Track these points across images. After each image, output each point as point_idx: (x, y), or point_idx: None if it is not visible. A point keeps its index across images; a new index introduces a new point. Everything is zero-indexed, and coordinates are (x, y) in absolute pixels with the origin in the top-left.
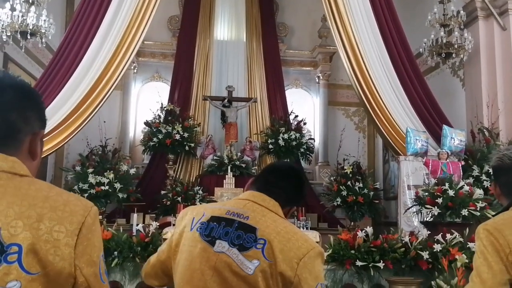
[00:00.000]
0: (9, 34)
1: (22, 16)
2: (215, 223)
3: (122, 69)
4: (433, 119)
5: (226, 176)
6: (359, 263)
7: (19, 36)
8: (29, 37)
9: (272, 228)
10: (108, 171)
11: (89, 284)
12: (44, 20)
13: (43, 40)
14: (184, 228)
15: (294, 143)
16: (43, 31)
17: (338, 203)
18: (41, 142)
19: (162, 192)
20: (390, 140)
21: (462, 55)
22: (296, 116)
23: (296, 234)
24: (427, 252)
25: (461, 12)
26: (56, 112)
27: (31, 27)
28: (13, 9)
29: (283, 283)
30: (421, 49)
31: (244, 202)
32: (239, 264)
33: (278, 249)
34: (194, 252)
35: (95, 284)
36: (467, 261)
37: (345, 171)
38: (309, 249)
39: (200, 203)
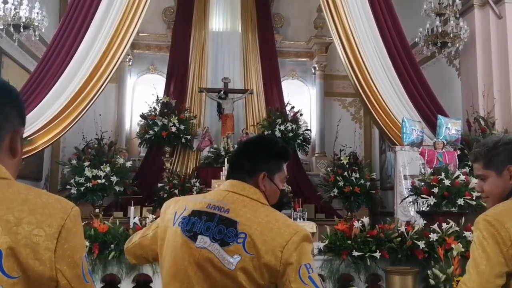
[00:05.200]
0: (1, 27)
1: (15, 9)
2: (196, 218)
3: (117, 61)
4: (429, 108)
5: (223, 168)
6: (355, 253)
7: (12, 29)
8: (22, 30)
9: (253, 220)
10: (104, 164)
11: (72, 286)
12: (37, 13)
13: (37, 33)
14: (167, 222)
15: (290, 134)
16: (36, 24)
17: (335, 193)
18: (21, 139)
19: (159, 184)
20: (386, 130)
21: (457, 44)
22: (293, 107)
23: (278, 221)
24: (423, 241)
25: (457, 1)
26: (51, 105)
27: (24, 20)
28: (5, 1)
29: (269, 273)
30: (416, 39)
31: (224, 193)
32: (221, 259)
33: (260, 241)
34: (177, 248)
35: (79, 285)
36: (463, 250)
37: (342, 161)
38: (292, 234)
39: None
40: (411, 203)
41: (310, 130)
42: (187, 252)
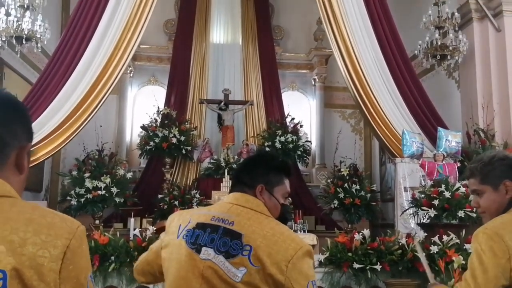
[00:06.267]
0: (4, 39)
1: (17, 21)
2: (200, 230)
3: (118, 73)
4: (429, 120)
5: (223, 179)
6: (356, 265)
7: (14, 41)
8: (24, 42)
9: (258, 232)
10: (104, 175)
11: None
12: (40, 25)
13: (39, 45)
14: (171, 235)
15: (290, 145)
16: (38, 36)
17: (335, 205)
18: (27, 154)
19: (159, 196)
20: (386, 142)
21: (457, 57)
22: (293, 119)
23: (282, 234)
24: (424, 254)
25: (456, 14)
26: (52, 116)
27: (26, 32)
28: (8, 14)
29: (274, 285)
30: (416, 51)
31: (228, 205)
32: (226, 271)
33: (265, 254)
34: (181, 260)
35: None
36: (463, 262)
37: (342, 173)
38: (297, 249)
39: (197, 207)
40: (412, 215)
41: (310, 141)
42: (192, 264)
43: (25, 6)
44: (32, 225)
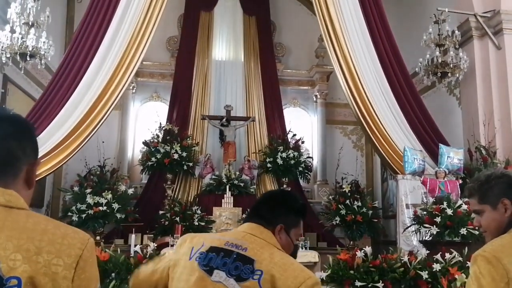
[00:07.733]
0: (8, 55)
1: (22, 38)
2: (214, 254)
3: (121, 89)
4: (430, 137)
5: (225, 195)
6: (358, 283)
7: (18, 57)
8: (28, 58)
9: (269, 260)
10: (106, 191)
11: None
12: (44, 42)
13: (43, 61)
14: (182, 256)
15: (292, 162)
16: (42, 52)
17: (337, 222)
18: (35, 170)
19: (160, 212)
20: (388, 159)
21: (457, 74)
22: (294, 135)
23: (292, 264)
24: (427, 271)
25: (456, 32)
26: (55, 132)
27: (30, 49)
28: (13, 31)
29: None
30: (417, 69)
31: (242, 233)
32: None
33: (275, 279)
34: (191, 281)
35: None
36: (466, 280)
37: (344, 189)
38: (306, 278)
39: (199, 223)
40: (414, 232)
41: (311, 157)
42: (201, 286)
43: (30, 23)
44: (47, 235)
